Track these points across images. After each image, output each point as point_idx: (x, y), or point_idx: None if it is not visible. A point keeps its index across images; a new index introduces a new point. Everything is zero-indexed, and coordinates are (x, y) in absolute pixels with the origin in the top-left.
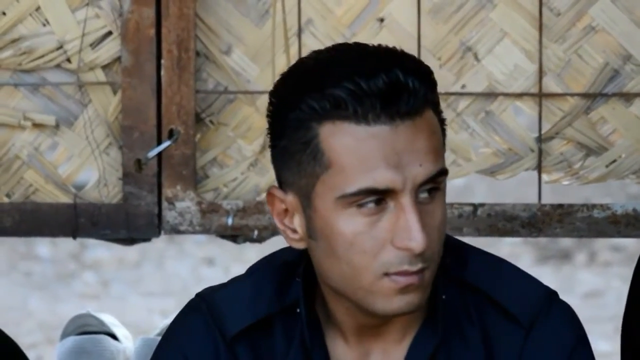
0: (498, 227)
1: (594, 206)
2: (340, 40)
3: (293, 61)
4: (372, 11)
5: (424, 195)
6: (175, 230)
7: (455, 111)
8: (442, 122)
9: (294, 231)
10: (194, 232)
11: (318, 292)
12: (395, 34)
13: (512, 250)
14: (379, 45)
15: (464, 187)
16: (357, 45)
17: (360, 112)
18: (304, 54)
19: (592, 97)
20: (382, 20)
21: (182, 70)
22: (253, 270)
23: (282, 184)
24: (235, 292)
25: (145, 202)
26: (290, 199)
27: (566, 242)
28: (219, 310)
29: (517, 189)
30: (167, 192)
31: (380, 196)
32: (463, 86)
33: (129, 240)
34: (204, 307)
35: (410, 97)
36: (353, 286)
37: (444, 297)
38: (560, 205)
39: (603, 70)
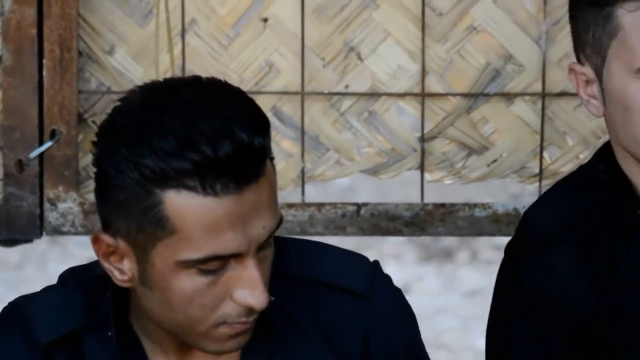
0: (381, 226)
1: (475, 205)
2: (225, 41)
3: (177, 61)
4: (256, 11)
5: (261, 250)
6: (58, 232)
7: (339, 111)
8: (272, 161)
9: (122, 272)
10: (77, 233)
11: (133, 306)
12: (279, 33)
13: (396, 249)
14: (211, 91)
15: (347, 187)
16: (189, 92)
17: (207, 184)
18: (188, 53)
19: (474, 97)
20: (266, 20)
21: (65, 70)
22: (65, 280)
23: (110, 228)
24: (47, 302)
25: (26, 203)
26: (122, 245)
27: (448, 241)
28: (32, 319)
29: (401, 189)
30: (49, 193)
31: (225, 260)
32: (346, 86)
33: (10, 242)
34: (18, 316)
35: (258, 159)
36: (186, 332)
37: (272, 298)
38: (443, 205)
39: (484, 70)
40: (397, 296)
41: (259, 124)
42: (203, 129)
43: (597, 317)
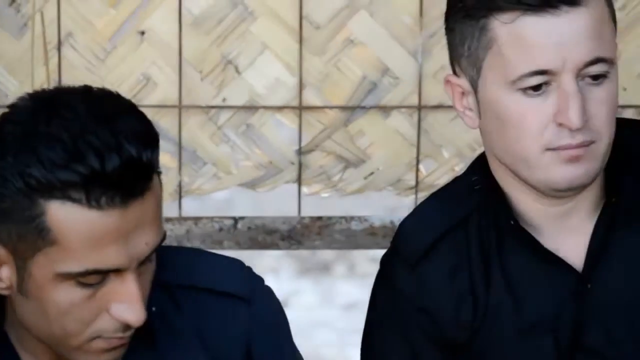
0: (258, 240)
1: (352, 218)
2: (101, 54)
3: (53, 74)
4: (133, 24)
5: (142, 265)
6: None
7: (216, 124)
8: (159, 175)
9: (0, 280)
10: None
11: (9, 315)
12: (156, 46)
13: (274, 263)
14: (102, 102)
15: (225, 201)
16: (79, 103)
17: (93, 197)
18: (64, 66)
19: (351, 110)
20: (143, 33)
21: None
22: None
23: None
24: None
25: None
26: (1, 252)
27: (326, 254)
28: None
29: (278, 202)
30: None
31: (105, 274)
32: (224, 99)
33: None
34: None
35: (145, 174)
36: (60, 344)
37: (153, 309)
38: (320, 218)
39: (361, 83)
40: (272, 298)
41: (148, 139)
42: (91, 142)
43: (470, 327)
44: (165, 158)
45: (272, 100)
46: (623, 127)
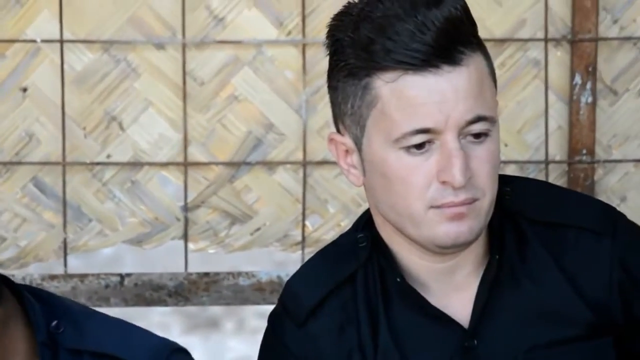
0: (145, 296)
1: (239, 274)
2: None
3: None
4: (15, 80)
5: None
6: None
7: (101, 181)
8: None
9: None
10: None
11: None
12: (39, 103)
13: (162, 319)
14: None
15: (111, 258)
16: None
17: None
18: None
19: (237, 166)
20: (25, 89)
21: None
22: None
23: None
24: None
25: None
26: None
27: (215, 310)
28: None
29: (165, 258)
30: None
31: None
32: (108, 156)
33: None
34: None
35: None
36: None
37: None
38: (207, 274)
39: (246, 139)
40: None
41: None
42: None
43: None
44: (50, 215)
45: (157, 156)
46: (505, 183)
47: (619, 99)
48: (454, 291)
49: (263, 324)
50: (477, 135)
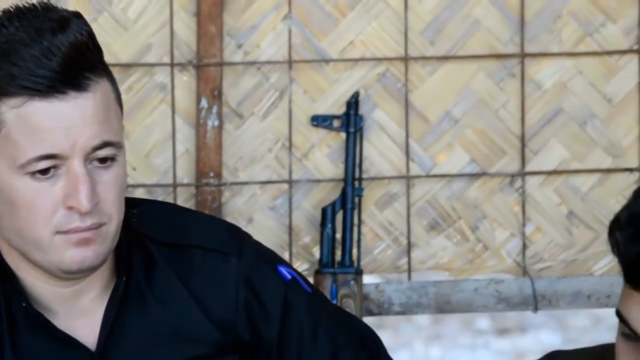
0: None
1: None
2: None
3: None
4: None
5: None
6: None
7: None
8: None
9: None
10: None
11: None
12: None
13: None
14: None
15: None
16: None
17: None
18: None
19: None
20: None
21: None
22: None
23: None
24: None
25: None
26: None
27: None
28: None
29: None
30: None
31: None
32: None
33: None
34: None
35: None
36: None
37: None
38: None
39: None
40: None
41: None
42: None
43: None
44: None
45: None
46: (133, 206)
47: (245, 123)
48: (82, 315)
49: None
50: (104, 160)
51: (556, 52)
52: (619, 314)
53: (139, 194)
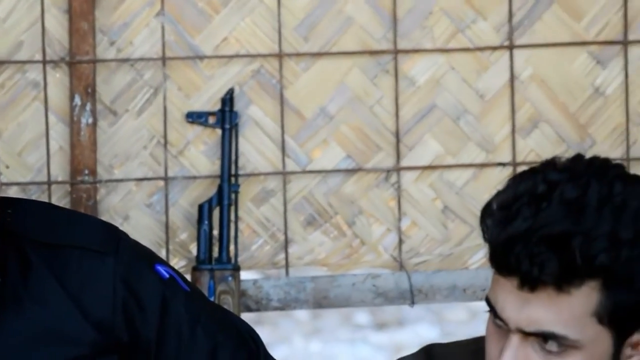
0: None
1: None
2: None
3: None
4: None
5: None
6: None
7: None
8: None
9: None
10: None
11: None
12: None
13: None
14: None
15: None
16: None
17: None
18: None
19: None
20: None
21: None
22: None
23: None
24: None
25: None
26: None
27: None
28: None
29: None
30: None
31: None
32: None
33: None
34: None
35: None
36: None
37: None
38: None
39: None
40: None
41: None
42: None
43: None
44: None
45: None
46: (7, 205)
47: (119, 120)
48: None
49: None
50: None
51: (429, 48)
52: (487, 300)
53: (13, 192)
